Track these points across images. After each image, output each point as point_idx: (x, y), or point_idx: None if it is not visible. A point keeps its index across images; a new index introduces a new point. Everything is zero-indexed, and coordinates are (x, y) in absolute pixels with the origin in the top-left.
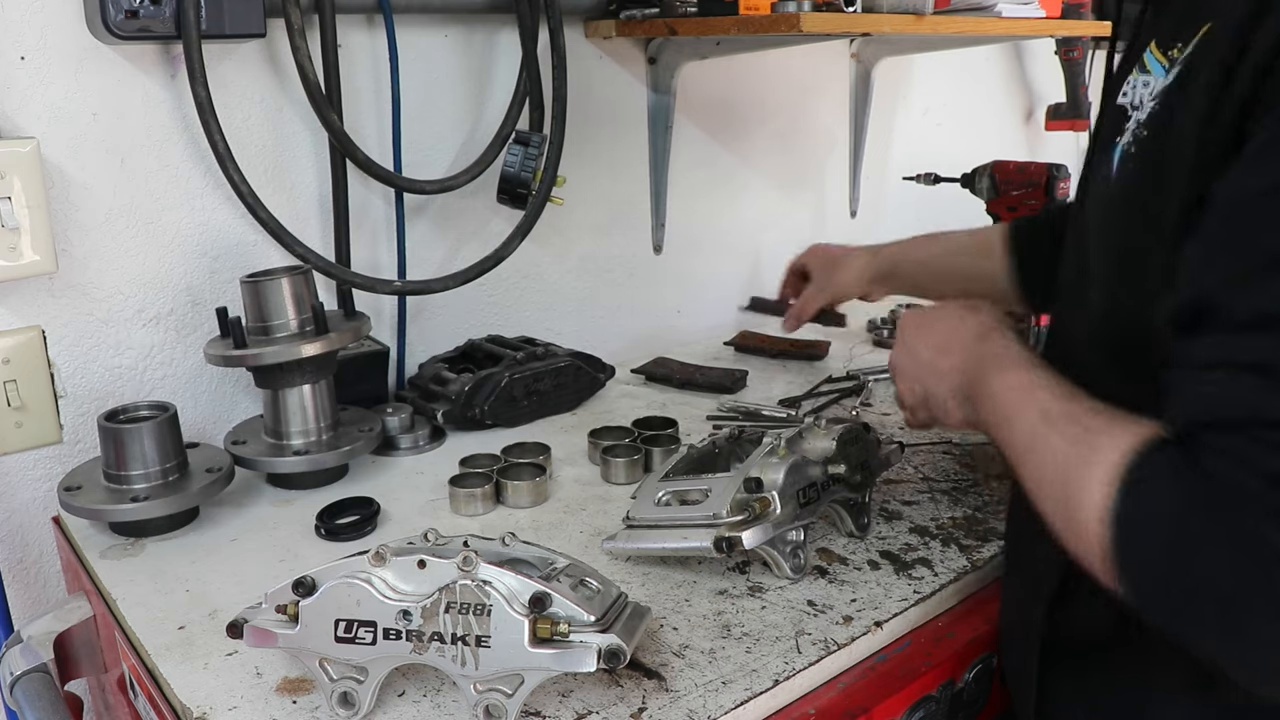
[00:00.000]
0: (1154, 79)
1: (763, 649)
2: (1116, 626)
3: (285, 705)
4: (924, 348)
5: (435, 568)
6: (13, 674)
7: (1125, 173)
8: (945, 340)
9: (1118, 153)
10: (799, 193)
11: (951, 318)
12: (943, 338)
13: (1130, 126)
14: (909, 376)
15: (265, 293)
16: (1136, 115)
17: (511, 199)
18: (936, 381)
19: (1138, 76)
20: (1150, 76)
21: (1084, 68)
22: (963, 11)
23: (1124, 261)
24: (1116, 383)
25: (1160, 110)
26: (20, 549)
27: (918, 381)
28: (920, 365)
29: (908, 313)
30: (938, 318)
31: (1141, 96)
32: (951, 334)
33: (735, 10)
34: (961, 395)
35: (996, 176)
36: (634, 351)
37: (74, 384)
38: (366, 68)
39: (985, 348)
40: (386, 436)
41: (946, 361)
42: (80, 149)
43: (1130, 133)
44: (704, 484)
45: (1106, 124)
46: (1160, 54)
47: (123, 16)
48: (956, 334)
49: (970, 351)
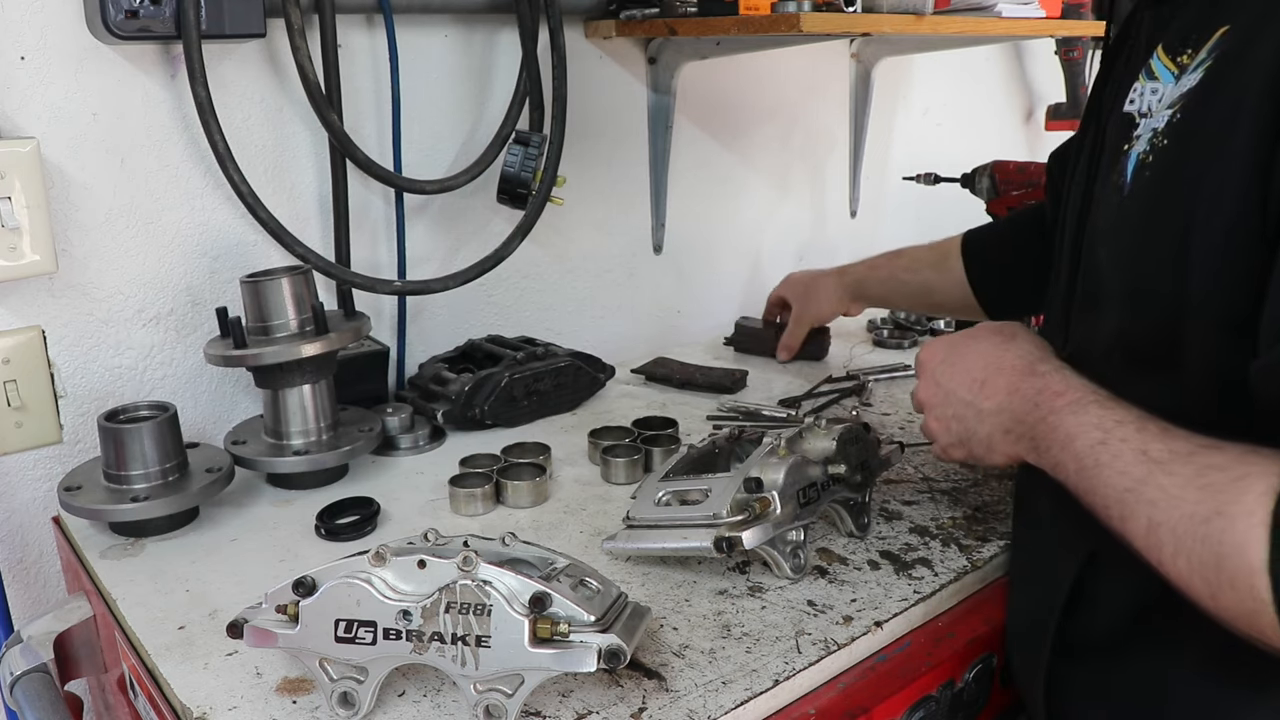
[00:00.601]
0: (1163, 86)
1: (763, 649)
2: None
3: (285, 705)
4: (960, 384)
5: (435, 568)
6: (13, 674)
7: (1144, 181)
8: (985, 375)
9: (1132, 161)
10: (799, 193)
11: (986, 349)
12: (982, 372)
13: (1143, 135)
14: (942, 415)
15: (265, 293)
16: (1149, 123)
17: (511, 199)
18: (979, 421)
19: (1145, 84)
20: (1159, 84)
21: (1084, 68)
22: (963, 11)
23: (1147, 268)
24: (1138, 386)
25: (1183, 119)
26: (20, 549)
27: (955, 420)
28: (957, 403)
29: (930, 343)
30: (969, 349)
31: (1151, 104)
32: (992, 369)
33: (735, 10)
34: (1015, 435)
35: (996, 176)
36: (634, 351)
37: (74, 384)
38: (366, 68)
39: (1040, 383)
40: (386, 436)
41: (991, 401)
42: (80, 149)
43: (1146, 141)
44: (704, 484)
45: (1110, 131)
46: (1169, 60)
47: (123, 16)
48: (998, 369)
49: (1020, 389)
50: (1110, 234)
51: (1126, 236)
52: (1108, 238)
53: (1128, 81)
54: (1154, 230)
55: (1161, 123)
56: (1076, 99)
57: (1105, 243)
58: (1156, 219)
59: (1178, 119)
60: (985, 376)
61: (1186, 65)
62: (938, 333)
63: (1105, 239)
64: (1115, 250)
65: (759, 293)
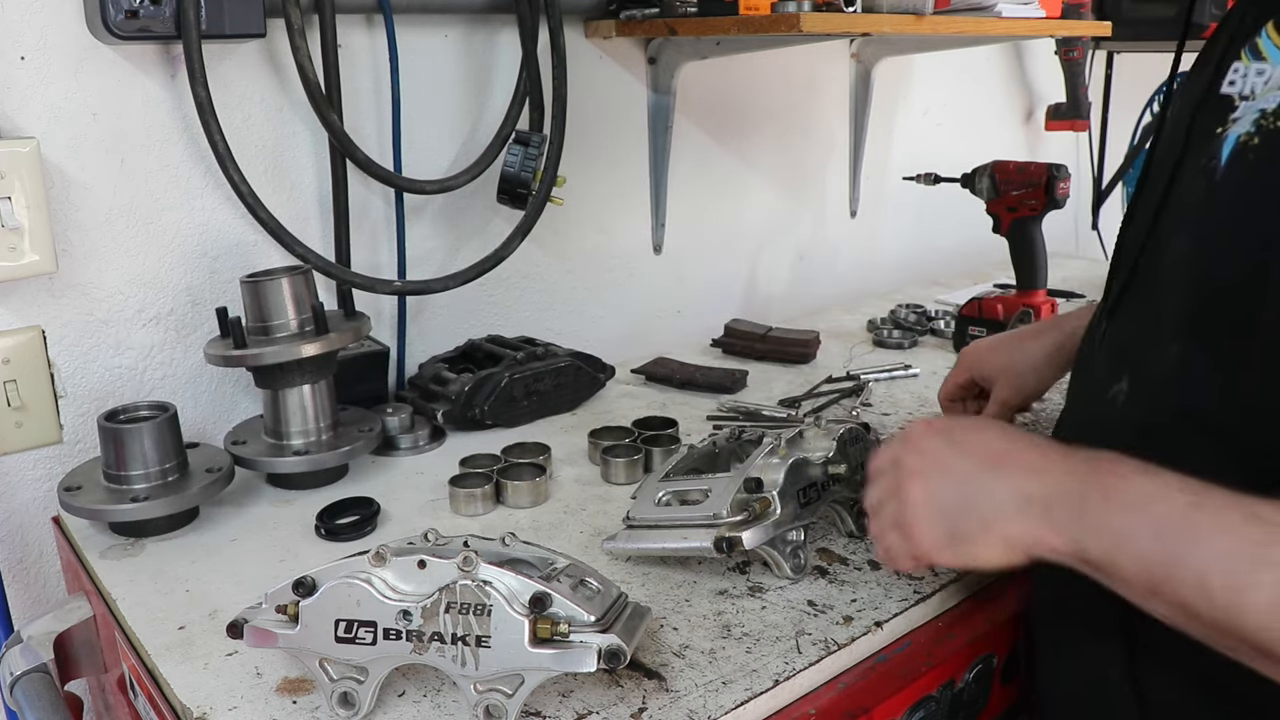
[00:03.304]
0: (1270, 67)
1: (763, 649)
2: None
3: (285, 705)
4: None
5: (435, 568)
6: (13, 674)
7: (1248, 164)
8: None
9: (1229, 144)
10: (799, 193)
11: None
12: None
13: (1245, 116)
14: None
15: (265, 293)
16: (1253, 105)
17: (511, 199)
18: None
19: (1249, 64)
20: (1265, 65)
21: (1084, 68)
22: (963, 11)
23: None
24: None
25: None
26: (20, 549)
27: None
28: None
29: (919, 422)
30: (979, 426)
31: (1255, 85)
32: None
33: (735, 10)
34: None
35: (996, 176)
36: (634, 351)
37: (74, 384)
38: (366, 68)
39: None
40: (386, 436)
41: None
42: (80, 149)
43: (1250, 122)
44: (704, 484)
45: (1200, 117)
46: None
47: (123, 16)
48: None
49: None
50: (1195, 220)
51: (1213, 223)
52: (1191, 224)
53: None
54: (1252, 218)
55: (1273, 104)
56: (1076, 99)
57: (1188, 228)
58: (1256, 207)
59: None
60: (1013, 447)
61: None
62: (938, 333)
63: (1189, 225)
64: (1197, 235)
65: (759, 293)
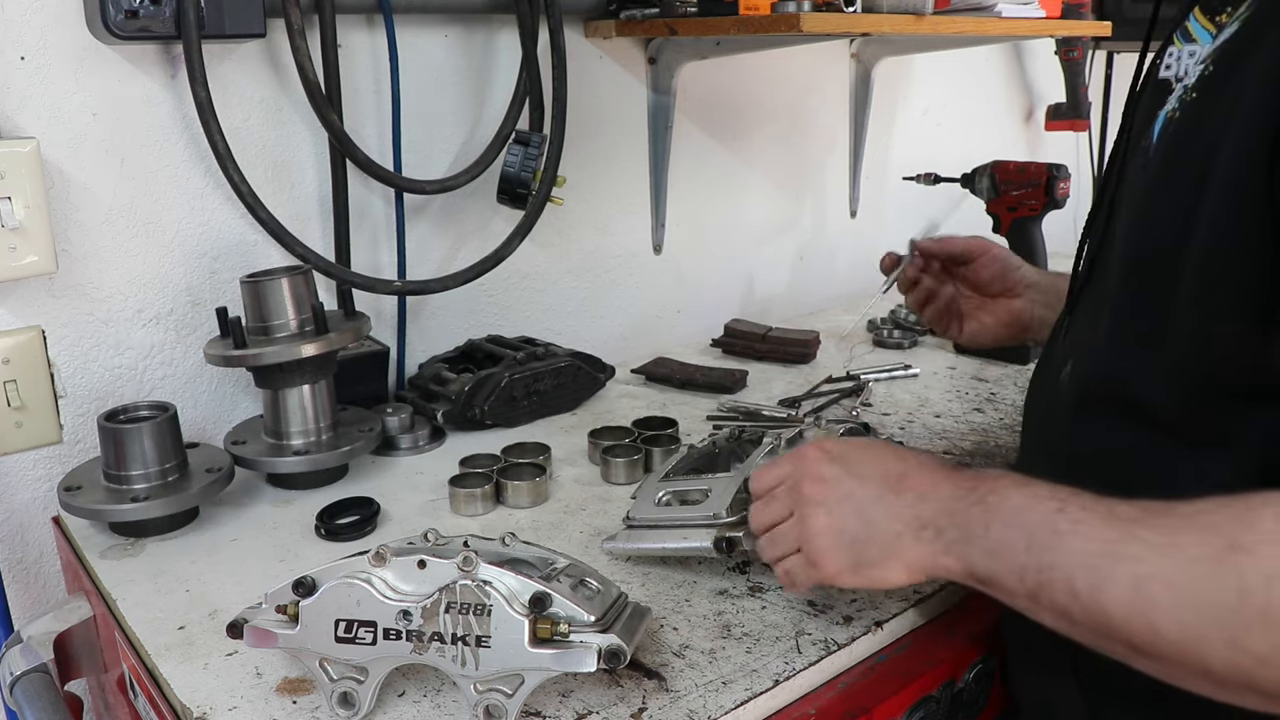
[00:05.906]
0: (1200, 47)
1: (763, 649)
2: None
3: (285, 705)
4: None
5: (435, 568)
6: (13, 674)
7: (1169, 137)
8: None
9: (1159, 122)
10: (799, 193)
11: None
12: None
13: (1176, 95)
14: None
15: (265, 293)
16: (1183, 84)
17: (511, 199)
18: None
19: (1181, 47)
20: (1196, 45)
21: (1084, 68)
22: (963, 11)
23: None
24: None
25: (1216, 70)
26: (20, 549)
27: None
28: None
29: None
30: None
31: (1186, 66)
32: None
33: (735, 10)
34: (933, 532)
35: (996, 176)
36: (634, 351)
37: (74, 384)
38: (366, 68)
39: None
40: (386, 436)
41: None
42: (80, 149)
43: (1176, 99)
44: (704, 484)
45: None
46: (1206, 20)
47: (123, 16)
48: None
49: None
50: (1128, 199)
51: (1140, 198)
52: (1126, 203)
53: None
54: (1169, 186)
55: (1193, 79)
56: (1076, 99)
57: (1128, 210)
58: (1172, 174)
59: (1209, 71)
60: (905, 470)
61: (1225, 23)
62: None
63: (1130, 207)
64: (1130, 214)
65: (759, 293)
